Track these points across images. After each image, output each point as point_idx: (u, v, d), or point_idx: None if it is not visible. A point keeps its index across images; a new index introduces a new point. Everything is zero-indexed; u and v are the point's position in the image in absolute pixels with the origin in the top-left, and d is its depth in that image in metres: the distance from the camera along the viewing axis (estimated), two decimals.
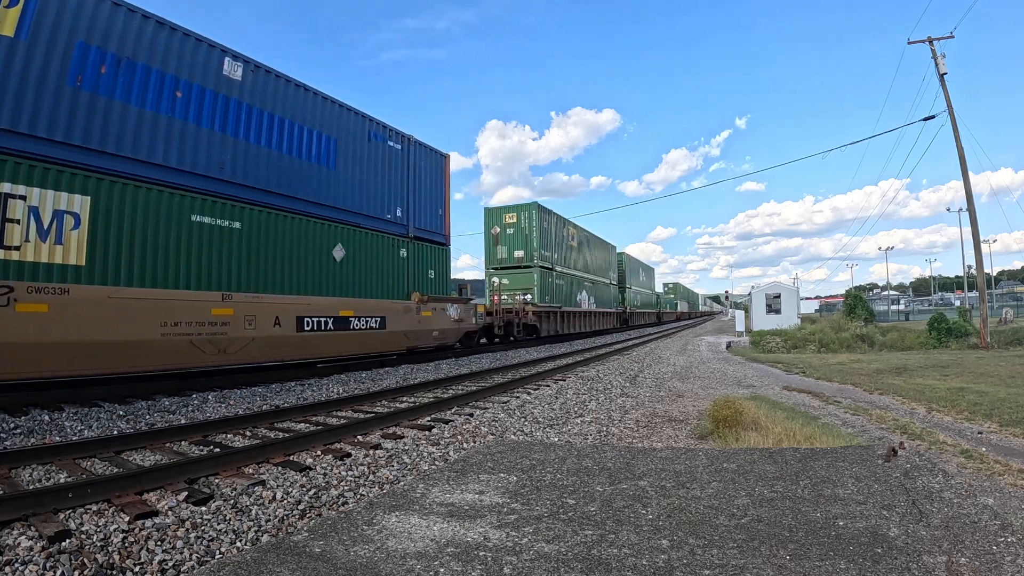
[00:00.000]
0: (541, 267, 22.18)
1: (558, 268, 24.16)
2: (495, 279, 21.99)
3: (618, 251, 37.67)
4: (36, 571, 2.69)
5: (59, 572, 2.70)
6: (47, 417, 6.41)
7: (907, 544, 2.12)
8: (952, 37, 19.61)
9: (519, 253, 22.32)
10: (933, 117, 19.82)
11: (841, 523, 2.38)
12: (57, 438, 5.53)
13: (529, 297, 21.44)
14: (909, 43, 20.32)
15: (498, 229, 22.75)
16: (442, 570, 2.05)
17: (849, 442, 4.98)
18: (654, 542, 2.26)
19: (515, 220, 22.58)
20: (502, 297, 20.77)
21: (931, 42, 19.81)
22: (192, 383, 8.85)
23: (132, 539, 3.09)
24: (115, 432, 5.81)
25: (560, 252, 24.63)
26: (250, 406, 7.64)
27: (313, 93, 11.10)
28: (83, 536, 3.10)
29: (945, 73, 19.37)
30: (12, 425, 5.95)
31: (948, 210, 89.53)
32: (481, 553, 2.19)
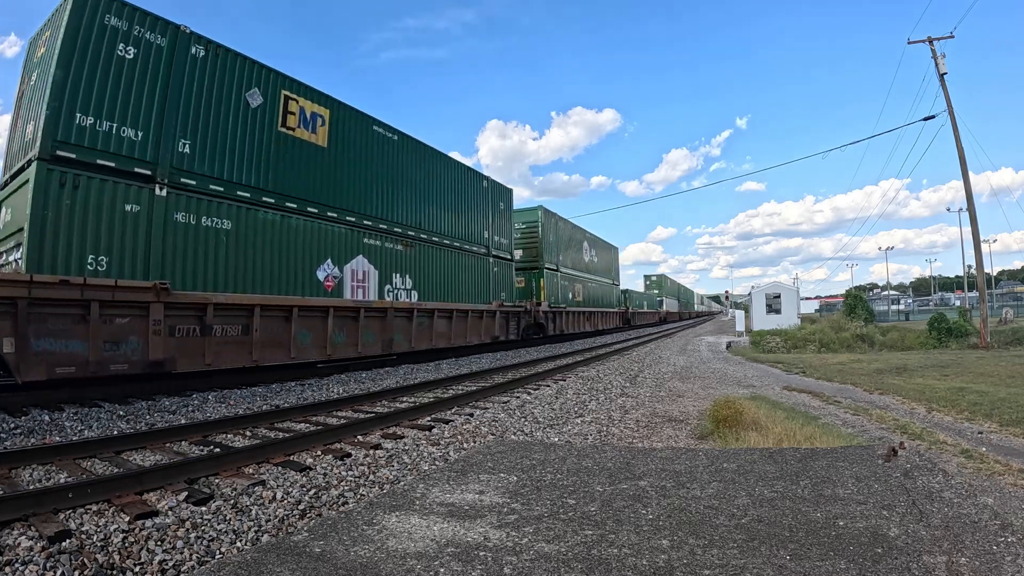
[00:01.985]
0: (59, 162, 7.19)
1: (187, 180, 8.64)
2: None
3: (531, 205, 22.69)
4: (36, 571, 2.69)
5: (59, 572, 2.70)
6: (47, 417, 6.40)
7: (907, 544, 2.12)
8: (952, 37, 19.66)
9: (28, 129, 7.71)
10: (933, 117, 19.86)
11: (841, 523, 2.38)
12: (57, 438, 5.53)
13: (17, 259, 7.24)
14: (909, 43, 20.35)
15: (43, 50, 7.98)
16: (442, 570, 2.05)
17: (849, 442, 4.98)
18: (654, 542, 2.26)
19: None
20: None
21: (931, 42, 19.82)
22: (192, 383, 8.85)
23: (132, 539, 3.09)
24: (115, 432, 5.81)
25: (207, 122, 9.04)
26: (250, 406, 7.64)
27: None
28: (83, 536, 3.10)
29: (945, 73, 19.40)
30: (12, 425, 5.95)
31: (948, 210, 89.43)
32: (481, 553, 2.19)
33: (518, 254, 21.09)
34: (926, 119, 20.02)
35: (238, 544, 3.14)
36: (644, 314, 43.49)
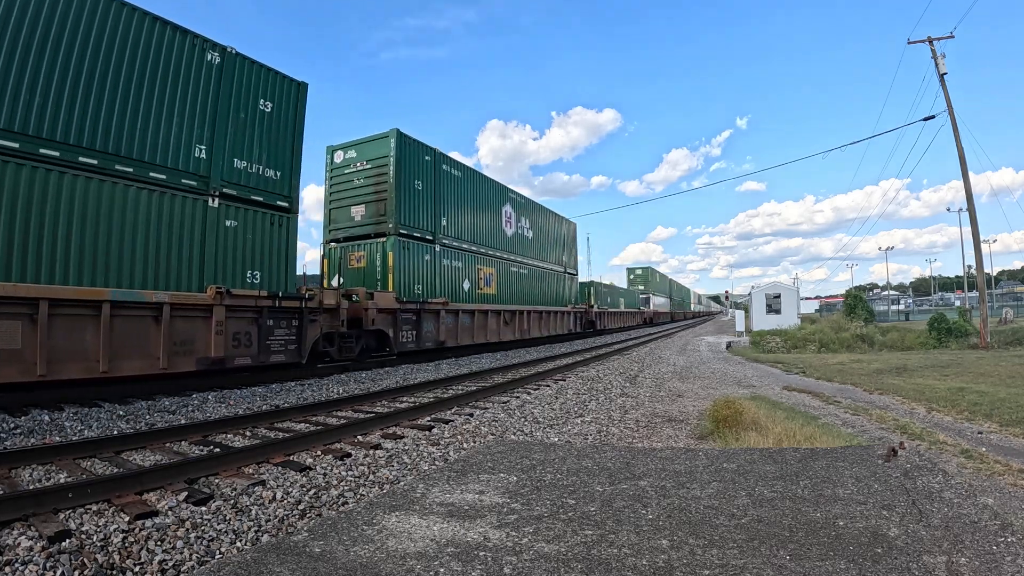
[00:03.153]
0: None
1: None
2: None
3: (383, 136, 13.35)
4: (36, 571, 2.69)
5: (59, 572, 2.70)
6: (47, 417, 6.40)
7: (907, 544, 2.12)
8: (952, 37, 19.67)
9: None
10: (933, 117, 19.88)
11: (841, 523, 2.38)
12: (57, 438, 5.53)
13: None
14: (909, 43, 20.36)
15: None
16: (442, 570, 2.05)
17: (849, 442, 4.98)
18: (654, 542, 2.25)
19: None
20: None
21: (931, 42, 19.84)
22: (192, 383, 8.85)
23: (132, 539, 3.09)
24: (115, 432, 5.81)
25: None
26: (250, 406, 7.64)
27: None
28: (83, 536, 3.10)
29: (945, 73, 19.41)
30: (12, 425, 5.95)
31: (948, 210, 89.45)
32: (481, 553, 2.19)
33: (358, 211, 13.50)
34: (926, 119, 20.04)
35: (238, 544, 3.14)
36: (619, 315, 33.63)
